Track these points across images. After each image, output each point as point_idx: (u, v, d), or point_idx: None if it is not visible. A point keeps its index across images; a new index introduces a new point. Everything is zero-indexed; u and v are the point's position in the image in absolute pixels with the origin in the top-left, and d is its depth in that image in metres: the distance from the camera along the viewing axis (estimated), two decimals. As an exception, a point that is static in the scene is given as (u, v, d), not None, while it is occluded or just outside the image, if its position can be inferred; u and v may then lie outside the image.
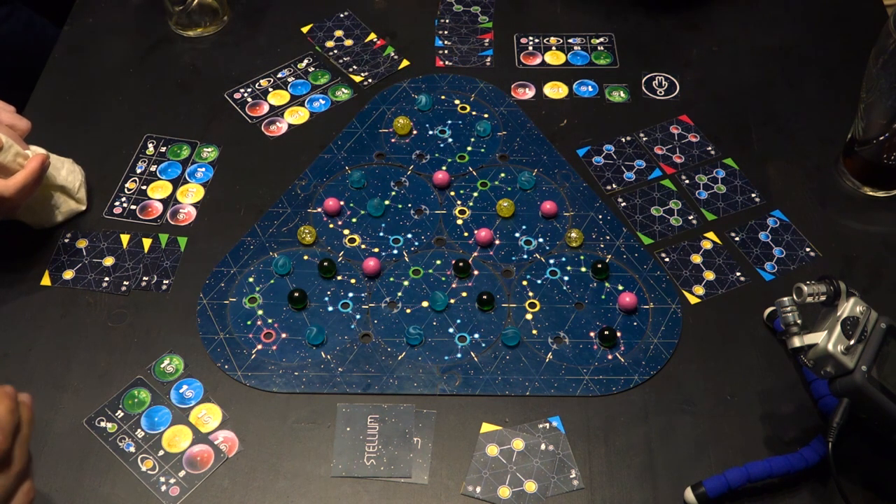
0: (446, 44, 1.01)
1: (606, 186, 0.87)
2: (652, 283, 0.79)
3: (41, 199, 0.82)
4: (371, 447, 0.69)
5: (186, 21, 1.01)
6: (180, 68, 0.99)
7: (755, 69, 0.97)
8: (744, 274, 0.80)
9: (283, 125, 0.93)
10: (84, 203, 0.85)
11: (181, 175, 0.89)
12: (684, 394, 0.72)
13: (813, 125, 0.92)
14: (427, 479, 0.68)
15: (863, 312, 0.63)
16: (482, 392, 0.73)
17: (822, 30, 1.01)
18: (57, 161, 0.83)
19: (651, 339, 0.75)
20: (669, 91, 0.95)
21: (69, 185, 0.83)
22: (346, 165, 0.89)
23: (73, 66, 0.99)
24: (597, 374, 0.73)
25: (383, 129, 0.92)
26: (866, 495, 0.67)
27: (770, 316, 0.76)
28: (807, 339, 0.62)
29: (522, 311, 0.77)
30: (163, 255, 0.82)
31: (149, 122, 0.93)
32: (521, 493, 0.67)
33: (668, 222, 0.84)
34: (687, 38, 1.01)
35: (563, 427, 0.70)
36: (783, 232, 0.83)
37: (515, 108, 0.94)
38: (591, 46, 1.00)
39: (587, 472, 0.68)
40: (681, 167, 0.88)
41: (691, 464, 0.68)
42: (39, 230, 0.83)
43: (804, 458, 0.66)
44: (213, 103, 0.95)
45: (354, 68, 0.98)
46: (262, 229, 0.84)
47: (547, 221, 0.84)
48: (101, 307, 0.78)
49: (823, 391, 0.70)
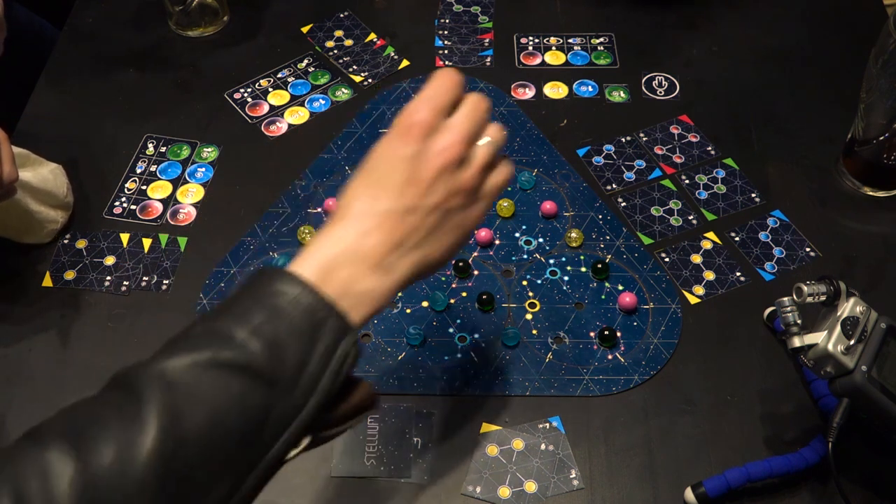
0: (446, 44, 1.01)
1: (606, 186, 0.87)
2: (652, 283, 0.79)
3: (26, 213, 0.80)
4: (371, 447, 0.69)
5: (186, 21, 1.01)
6: (180, 68, 0.99)
7: (755, 69, 0.97)
8: (744, 274, 0.80)
9: (283, 125, 0.93)
10: (70, 207, 0.84)
11: (181, 175, 0.89)
12: (684, 394, 0.72)
13: (813, 125, 0.92)
14: (427, 479, 0.68)
15: (863, 312, 0.63)
16: (482, 392, 0.73)
17: (822, 30, 1.01)
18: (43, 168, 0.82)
19: (651, 339, 0.75)
20: (669, 91, 0.96)
21: (58, 189, 0.82)
22: (346, 165, 0.89)
23: (72, 66, 0.99)
24: (597, 374, 0.73)
25: (383, 129, 0.92)
26: (866, 495, 0.67)
27: (770, 316, 0.76)
28: (807, 339, 0.62)
29: (522, 311, 0.77)
30: (163, 255, 0.82)
31: (149, 122, 0.93)
32: (521, 493, 0.67)
33: (668, 222, 0.84)
34: (687, 38, 1.01)
35: (563, 427, 0.70)
36: (783, 232, 0.83)
37: (515, 108, 0.94)
38: (591, 46, 1.00)
39: (587, 472, 0.68)
40: (681, 167, 0.88)
41: (691, 464, 0.68)
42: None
43: (804, 458, 0.66)
44: (213, 103, 0.95)
45: (354, 68, 0.98)
46: (262, 229, 0.84)
47: (547, 221, 0.84)
48: (101, 307, 0.78)
49: (823, 391, 0.70)
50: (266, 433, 0.47)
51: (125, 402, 0.45)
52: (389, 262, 0.53)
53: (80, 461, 0.43)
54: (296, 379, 0.47)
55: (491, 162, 0.57)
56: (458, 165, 0.55)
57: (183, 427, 0.44)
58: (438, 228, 0.55)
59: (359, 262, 0.52)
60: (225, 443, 0.45)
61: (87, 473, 0.43)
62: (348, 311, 0.50)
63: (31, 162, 0.81)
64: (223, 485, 0.46)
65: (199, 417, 0.45)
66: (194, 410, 0.45)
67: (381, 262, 0.52)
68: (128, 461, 0.43)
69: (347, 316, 0.49)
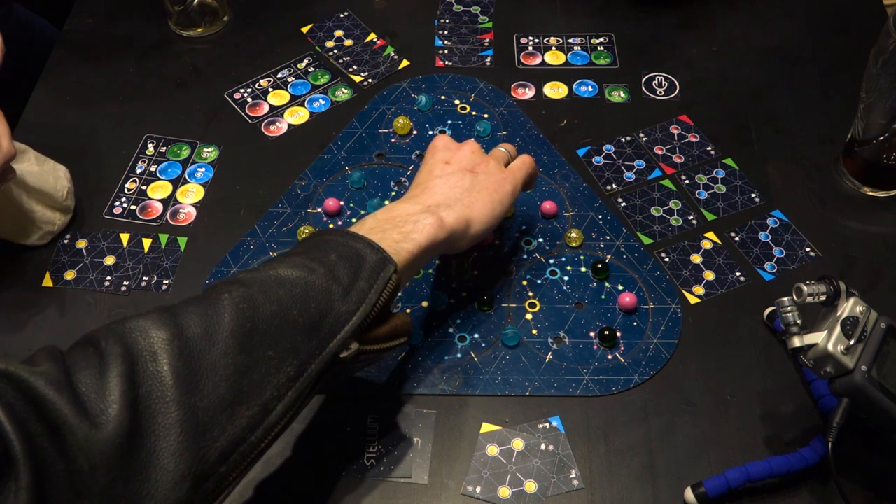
0: (446, 44, 1.01)
1: (606, 186, 0.87)
2: (652, 283, 0.79)
3: (23, 212, 0.80)
4: (371, 447, 0.69)
5: (186, 21, 1.01)
6: (180, 68, 0.99)
7: (755, 69, 0.97)
8: (744, 274, 0.80)
9: (283, 125, 0.93)
10: (70, 211, 0.84)
11: (181, 175, 0.89)
12: (684, 394, 0.72)
13: (813, 125, 0.92)
14: (427, 479, 0.68)
15: (863, 312, 0.63)
16: (482, 392, 0.73)
17: (822, 30, 1.01)
18: (47, 165, 0.82)
19: (651, 339, 0.75)
20: (669, 91, 0.96)
21: (57, 191, 0.82)
22: (346, 165, 0.89)
23: (73, 66, 0.99)
24: (597, 374, 0.73)
25: (383, 129, 0.92)
26: (866, 495, 0.67)
27: (770, 316, 0.76)
28: (807, 339, 0.62)
29: (522, 311, 0.77)
30: (163, 255, 0.82)
31: (149, 122, 0.93)
32: (521, 493, 0.67)
33: (667, 222, 0.84)
34: (687, 38, 1.01)
35: (563, 427, 0.70)
36: (783, 232, 0.83)
37: (515, 108, 0.94)
38: (591, 46, 1.00)
39: (587, 472, 0.68)
40: (681, 167, 0.88)
41: (691, 464, 0.68)
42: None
43: (804, 458, 0.66)
44: (213, 103, 0.95)
45: (354, 68, 0.98)
46: (262, 229, 0.84)
47: (547, 221, 0.84)
48: (101, 307, 0.78)
49: (823, 391, 0.70)
50: (324, 329, 0.57)
51: (209, 296, 0.55)
52: (432, 211, 0.67)
53: (176, 327, 0.52)
54: (348, 290, 0.58)
55: (507, 160, 0.77)
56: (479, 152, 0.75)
57: (257, 312, 0.55)
58: (472, 187, 0.70)
59: (398, 221, 0.65)
60: (291, 330, 0.55)
61: (181, 337, 0.52)
62: (394, 255, 0.62)
63: (29, 157, 0.81)
64: (291, 365, 0.55)
65: (270, 306, 0.55)
66: (265, 302, 0.55)
67: (419, 213, 0.66)
68: (214, 332, 0.53)
69: (385, 251, 0.61)
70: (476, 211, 0.69)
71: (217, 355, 0.52)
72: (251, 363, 0.53)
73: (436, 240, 0.65)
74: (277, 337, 0.55)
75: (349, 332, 0.58)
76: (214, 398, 0.51)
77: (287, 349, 0.55)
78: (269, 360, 0.54)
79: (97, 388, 0.49)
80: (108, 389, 0.49)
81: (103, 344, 0.51)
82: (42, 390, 0.47)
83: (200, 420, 0.50)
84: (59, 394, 0.47)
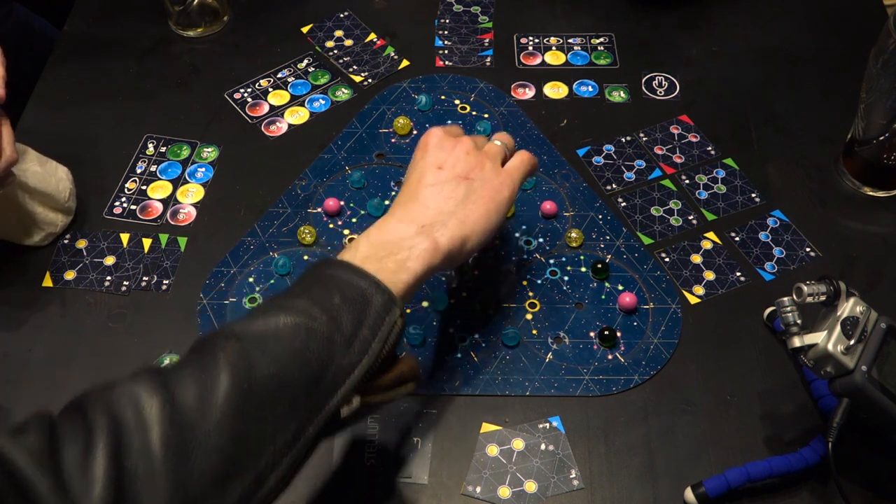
0: (446, 44, 1.01)
1: (606, 186, 0.87)
2: (652, 283, 0.79)
3: (25, 214, 0.80)
4: (371, 447, 0.69)
5: (186, 21, 1.01)
6: (180, 68, 0.99)
7: (755, 69, 0.97)
8: (744, 274, 0.80)
9: (283, 125, 0.93)
10: (72, 212, 0.84)
11: (181, 175, 0.89)
12: (684, 394, 0.72)
13: (813, 125, 0.92)
14: (427, 479, 0.68)
15: (863, 312, 0.63)
16: (482, 392, 0.73)
17: (822, 30, 1.01)
18: (49, 165, 0.82)
19: (651, 339, 0.75)
20: (669, 91, 0.96)
21: (59, 193, 0.82)
22: (346, 165, 0.89)
23: (73, 66, 0.99)
24: (597, 374, 0.73)
25: (383, 129, 0.92)
26: (866, 495, 0.67)
27: (770, 316, 0.76)
28: (807, 339, 0.62)
29: (522, 311, 0.77)
30: (163, 255, 0.82)
31: (149, 122, 0.93)
32: (521, 493, 0.67)
33: (668, 222, 0.84)
34: (687, 38, 1.01)
35: (563, 427, 0.70)
36: (783, 232, 0.83)
37: (515, 108, 0.94)
38: (591, 46, 1.00)
39: (587, 472, 0.68)
40: (681, 167, 0.88)
41: (691, 464, 0.68)
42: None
43: (804, 458, 0.66)
44: (213, 103, 0.95)
45: (354, 68, 0.98)
46: (262, 229, 0.84)
47: (547, 221, 0.84)
48: (101, 307, 0.78)
49: (823, 391, 0.70)
50: (324, 385, 0.54)
51: (203, 355, 0.52)
52: (426, 233, 0.63)
53: (168, 394, 0.49)
54: (350, 341, 0.55)
55: (504, 156, 0.72)
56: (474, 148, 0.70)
57: (254, 373, 0.51)
58: (467, 198, 0.66)
59: (392, 247, 0.62)
60: (290, 389, 0.52)
61: (173, 406, 0.49)
62: (391, 287, 0.58)
63: (31, 158, 0.81)
64: (289, 429, 0.52)
65: (268, 366, 0.52)
66: (263, 360, 0.52)
67: (413, 237, 0.63)
68: (208, 398, 0.50)
69: (391, 291, 0.58)
70: (471, 225, 0.65)
71: (210, 424, 0.49)
72: (246, 430, 0.50)
73: (431, 265, 0.62)
74: (275, 399, 0.52)
75: (350, 386, 0.55)
76: (206, 469, 0.48)
77: (285, 412, 0.52)
78: (266, 425, 0.51)
79: (81, 465, 0.46)
80: (93, 467, 0.46)
81: (90, 414, 0.49)
82: (23, 467, 0.45)
83: (190, 494, 0.48)
84: (40, 471, 0.46)
